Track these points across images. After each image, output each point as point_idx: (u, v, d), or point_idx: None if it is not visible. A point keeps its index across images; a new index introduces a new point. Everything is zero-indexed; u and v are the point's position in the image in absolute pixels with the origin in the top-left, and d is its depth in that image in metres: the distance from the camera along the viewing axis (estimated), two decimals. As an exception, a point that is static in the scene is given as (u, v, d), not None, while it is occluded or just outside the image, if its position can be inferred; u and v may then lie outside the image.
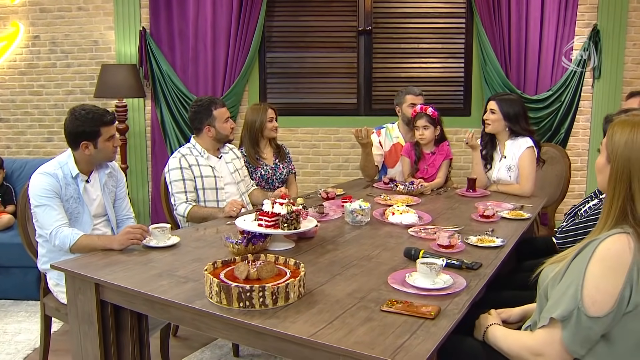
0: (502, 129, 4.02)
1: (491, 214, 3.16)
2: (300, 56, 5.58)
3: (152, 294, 2.10)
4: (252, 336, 1.87)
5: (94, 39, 5.62)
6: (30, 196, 2.91)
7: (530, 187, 3.87)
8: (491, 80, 5.22)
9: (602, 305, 1.64)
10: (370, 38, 5.46)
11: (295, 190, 4.40)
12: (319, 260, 2.47)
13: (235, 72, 5.37)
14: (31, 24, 5.64)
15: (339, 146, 5.59)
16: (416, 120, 4.19)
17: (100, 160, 3.08)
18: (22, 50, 5.70)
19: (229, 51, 5.34)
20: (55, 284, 3.01)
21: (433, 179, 4.12)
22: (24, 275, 4.35)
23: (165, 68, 5.43)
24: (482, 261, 2.42)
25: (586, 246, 1.73)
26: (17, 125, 5.83)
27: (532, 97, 5.20)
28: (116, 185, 3.25)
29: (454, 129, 5.37)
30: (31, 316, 4.10)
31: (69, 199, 2.96)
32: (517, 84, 5.22)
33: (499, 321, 2.04)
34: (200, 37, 5.37)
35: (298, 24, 5.53)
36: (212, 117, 3.66)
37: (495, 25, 5.17)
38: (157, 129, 5.60)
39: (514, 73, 5.23)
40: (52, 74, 5.71)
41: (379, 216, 3.18)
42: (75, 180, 2.99)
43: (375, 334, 1.74)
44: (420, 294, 2.04)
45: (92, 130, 2.93)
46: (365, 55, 5.50)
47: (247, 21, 5.27)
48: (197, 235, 2.91)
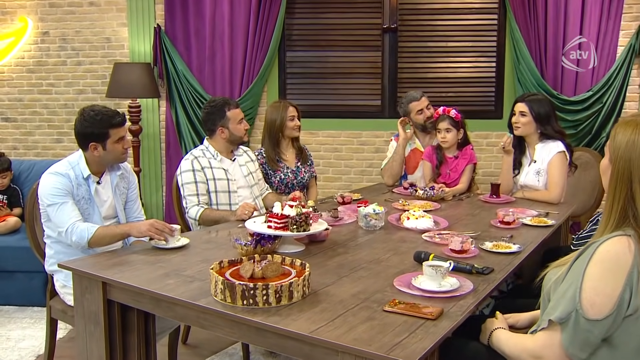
0: (532, 131, 4.14)
1: (511, 220, 3.32)
2: (321, 55, 5.75)
3: (158, 292, 2.31)
4: (253, 333, 2.07)
5: (106, 36, 5.85)
6: (41, 196, 3.13)
7: (558, 194, 3.99)
8: (525, 80, 5.30)
9: (600, 307, 1.75)
10: (395, 36, 5.60)
11: (315, 194, 4.58)
12: (327, 262, 2.67)
13: (254, 72, 5.55)
14: (40, 20, 5.88)
15: (362, 150, 5.74)
16: (438, 123, 4.34)
17: (110, 161, 3.30)
18: (31, 47, 5.94)
19: (247, 50, 5.53)
20: (62, 285, 3.24)
21: (455, 184, 4.28)
22: (30, 280, 4.56)
23: (180, 67, 5.64)
24: (494, 267, 2.57)
25: (586, 248, 1.84)
26: (25, 126, 6.08)
27: (570, 98, 5.25)
28: (128, 187, 3.47)
29: (484, 132, 5.52)
30: (36, 322, 4.32)
31: (80, 200, 3.18)
32: (553, 85, 5.29)
33: (505, 325, 2.20)
34: (217, 35, 5.56)
35: (320, 21, 5.71)
36: (225, 118, 3.86)
37: (530, 21, 5.25)
38: (171, 131, 5.80)
39: (550, 72, 5.30)
40: (62, 72, 5.95)
41: (395, 221, 3.37)
42: (86, 181, 3.21)
43: (375, 332, 1.92)
44: (424, 296, 2.22)
45: (100, 132, 3.15)
46: (391, 55, 5.65)
47: (267, 19, 5.45)
48: (207, 237, 3.13)
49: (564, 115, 5.21)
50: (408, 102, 4.64)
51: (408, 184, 4.33)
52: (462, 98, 5.55)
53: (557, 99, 5.22)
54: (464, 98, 5.57)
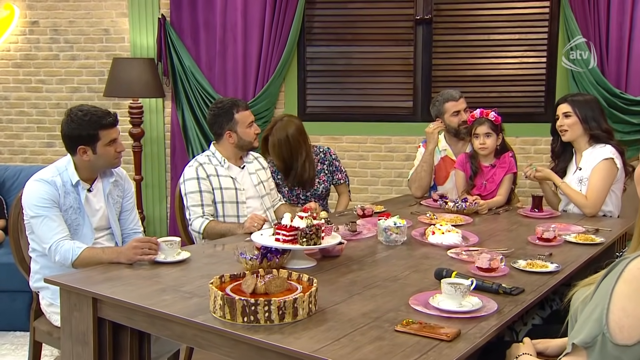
0: (580, 134, 4.19)
1: (552, 237, 3.40)
2: (346, 51, 5.84)
3: (152, 308, 2.45)
4: (253, 352, 2.20)
5: (105, 27, 5.96)
6: (25, 206, 3.26)
7: (594, 205, 4.06)
8: (581, 77, 5.28)
9: (630, 331, 1.75)
10: (430, 28, 5.67)
11: (346, 204, 4.70)
12: (339, 279, 2.80)
13: (270, 70, 5.65)
14: (28, 7, 5.97)
15: (392, 158, 5.81)
16: (476, 127, 4.41)
17: (102, 166, 3.43)
18: (18, 38, 6.03)
19: (263, 45, 5.63)
20: (48, 304, 3.36)
21: (492, 196, 4.36)
22: (12, 302, 4.64)
23: (188, 63, 5.75)
24: (526, 287, 2.66)
25: (615, 266, 1.89)
26: (11, 127, 6.18)
27: (636, 97, 5.22)
28: (122, 195, 3.61)
29: (532, 137, 5.55)
30: (17, 349, 4.41)
31: (68, 209, 3.31)
32: (616, 83, 5.27)
33: (532, 351, 2.28)
34: (229, 28, 5.66)
35: (344, 12, 5.80)
36: (233, 121, 3.99)
37: (588, 8, 5.22)
38: (177, 135, 5.91)
39: (613, 69, 5.28)
40: (54, 67, 6.06)
41: (419, 236, 3.49)
42: (75, 188, 3.35)
43: (382, 352, 2.04)
44: (442, 316, 2.32)
45: (89, 134, 3.26)
46: (424, 50, 5.71)
47: (285, 9, 5.54)
48: (209, 251, 3.28)
49: (628, 118, 5.22)
50: (445, 100, 4.71)
51: (438, 195, 4.41)
52: (506, 99, 5.60)
53: (620, 99, 5.21)
54: (509, 99, 5.62)
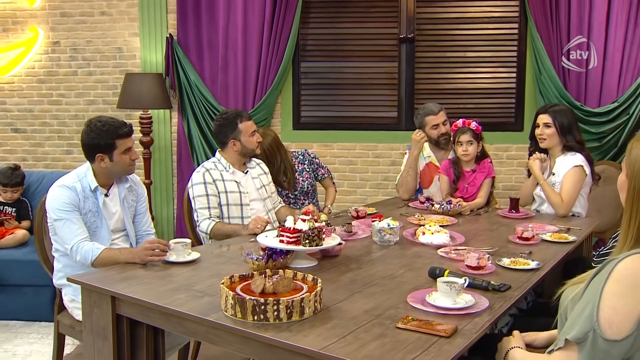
0: (556, 143, 4.16)
1: (530, 236, 3.32)
2: (337, 66, 5.79)
3: (168, 307, 2.34)
4: (264, 349, 2.10)
5: (118, 45, 5.92)
6: (49, 209, 3.19)
7: (567, 206, 4.02)
8: (546, 91, 5.28)
9: (619, 327, 1.73)
10: (412, 46, 5.63)
11: (333, 195, 4.68)
12: (340, 278, 2.70)
13: (268, 83, 5.59)
14: (51, 29, 5.96)
15: (378, 163, 5.77)
16: (459, 136, 4.35)
17: (118, 173, 3.35)
18: (41, 56, 6.01)
19: (261, 60, 5.57)
20: (70, 299, 3.29)
21: (473, 199, 4.30)
22: (37, 295, 4.61)
23: (193, 78, 5.68)
24: (511, 284, 2.58)
25: (604, 266, 1.84)
26: (35, 137, 6.14)
27: (594, 109, 5.21)
28: (137, 199, 3.53)
29: (504, 145, 5.53)
30: (43, 338, 4.36)
31: (87, 213, 3.24)
32: (576, 95, 5.26)
33: (522, 344, 2.19)
34: (230, 46, 5.61)
35: (335, 31, 5.75)
36: (237, 131, 3.91)
37: (552, 30, 5.24)
38: (183, 143, 5.84)
39: (573, 83, 5.28)
40: (72, 82, 6.02)
41: (410, 236, 3.39)
42: (94, 193, 3.27)
43: (386, 349, 1.95)
44: (439, 313, 2.24)
45: (106, 143, 3.20)
46: (407, 65, 5.67)
47: (281, 28, 5.49)
48: (217, 251, 3.17)
49: (587, 128, 5.19)
50: (425, 114, 4.63)
51: (424, 198, 4.34)
52: (481, 110, 5.56)
53: (580, 111, 5.18)
54: (483, 110, 5.58)
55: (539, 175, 4.13)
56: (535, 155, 4.20)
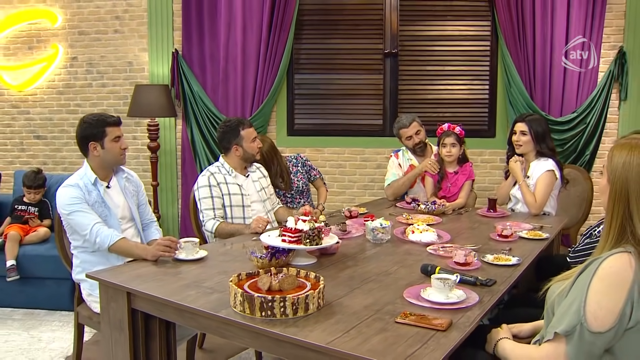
0: (531, 149, 4.12)
1: (509, 234, 3.26)
2: (327, 78, 5.72)
3: (181, 303, 2.25)
4: (272, 344, 2.01)
5: (129, 60, 5.85)
6: (59, 208, 3.12)
7: (540, 206, 3.99)
8: (516, 102, 5.29)
9: (603, 321, 1.73)
10: (396, 60, 5.58)
11: (325, 194, 4.61)
12: (339, 275, 2.60)
13: (264, 93, 5.52)
14: (70, 46, 5.91)
15: (365, 166, 5.70)
16: (444, 138, 4.30)
17: (110, 161, 3.26)
18: (61, 70, 5.96)
19: (258, 73, 5.50)
20: (87, 294, 3.19)
21: (455, 198, 4.23)
22: (58, 287, 4.56)
23: (196, 89, 5.61)
24: (496, 278, 2.51)
25: (590, 264, 1.83)
26: (54, 143, 6.09)
27: (556, 119, 5.24)
28: (137, 191, 3.45)
29: (478, 150, 5.47)
30: (64, 325, 4.30)
31: (94, 204, 3.15)
32: (541, 106, 5.27)
33: (510, 335, 2.14)
34: (230, 60, 5.53)
35: (325, 46, 5.68)
36: (239, 137, 3.81)
37: (520, 48, 5.24)
38: (187, 148, 5.77)
39: (539, 95, 5.28)
40: (88, 93, 5.95)
41: (400, 234, 3.30)
42: (95, 186, 3.20)
43: (388, 343, 1.86)
44: (433, 308, 2.16)
45: (97, 130, 3.18)
46: (392, 77, 5.61)
47: (276, 44, 5.43)
48: (223, 249, 3.06)
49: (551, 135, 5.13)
50: (399, 128, 4.57)
51: (410, 198, 4.26)
52: (457, 118, 5.49)
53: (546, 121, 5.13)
54: (460, 118, 5.51)
55: (520, 175, 4.08)
56: (515, 158, 4.15)
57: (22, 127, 6.12)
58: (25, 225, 4.82)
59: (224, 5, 5.46)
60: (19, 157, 6.16)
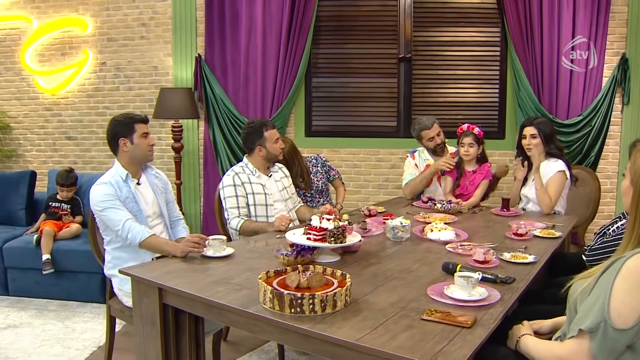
0: (541, 151, 4.03)
1: (524, 232, 3.18)
2: (344, 81, 5.66)
3: (210, 299, 2.20)
4: (301, 339, 1.95)
5: (154, 64, 5.83)
6: (93, 205, 3.09)
7: (552, 205, 3.91)
8: (524, 105, 5.23)
9: (627, 318, 1.68)
10: (410, 65, 5.52)
11: (343, 193, 4.53)
12: (362, 272, 2.54)
13: (283, 96, 5.48)
14: (99, 52, 5.91)
15: (380, 166, 5.64)
16: (462, 138, 4.24)
17: (139, 157, 3.25)
18: (91, 75, 5.97)
19: (278, 77, 5.46)
20: (118, 288, 3.15)
21: (471, 197, 4.15)
22: (89, 280, 4.55)
23: (218, 92, 5.58)
24: (515, 276, 2.45)
25: (613, 263, 1.77)
26: (84, 143, 6.09)
27: (563, 121, 5.18)
28: (165, 188, 3.42)
29: (489, 151, 5.31)
30: (95, 317, 4.28)
31: (125, 200, 3.13)
32: (549, 109, 5.20)
33: (531, 332, 2.08)
34: (251, 64, 5.50)
35: (342, 51, 5.62)
36: (263, 138, 3.76)
37: (528, 54, 5.18)
38: (209, 148, 5.73)
39: (546, 98, 5.22)
40: (115, 96, 5.95)
41: (419, 233, 3.23)
42: (126, 182, 3.17)
43: (416, 340, 1.81)
44: (457, 305, 2.10)
45: (126, 127, 3.19)
46: (405, 81, 5.56)
47: (295, 49, 5.38)
48: (249, 247, 3.01)
49: (558, 137, 5.06)
50: (420, 129, 4.47)
51: (427, 197, 4.19)
52: (468, 120, 5.29)
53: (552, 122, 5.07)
54: (471, 120, 5.32)
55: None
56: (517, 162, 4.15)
57: (54, 129, 6.13)
58: (59, 222, 4.82)
59: (245, 12, 5.43)
60: (52, 157, 6.18)
